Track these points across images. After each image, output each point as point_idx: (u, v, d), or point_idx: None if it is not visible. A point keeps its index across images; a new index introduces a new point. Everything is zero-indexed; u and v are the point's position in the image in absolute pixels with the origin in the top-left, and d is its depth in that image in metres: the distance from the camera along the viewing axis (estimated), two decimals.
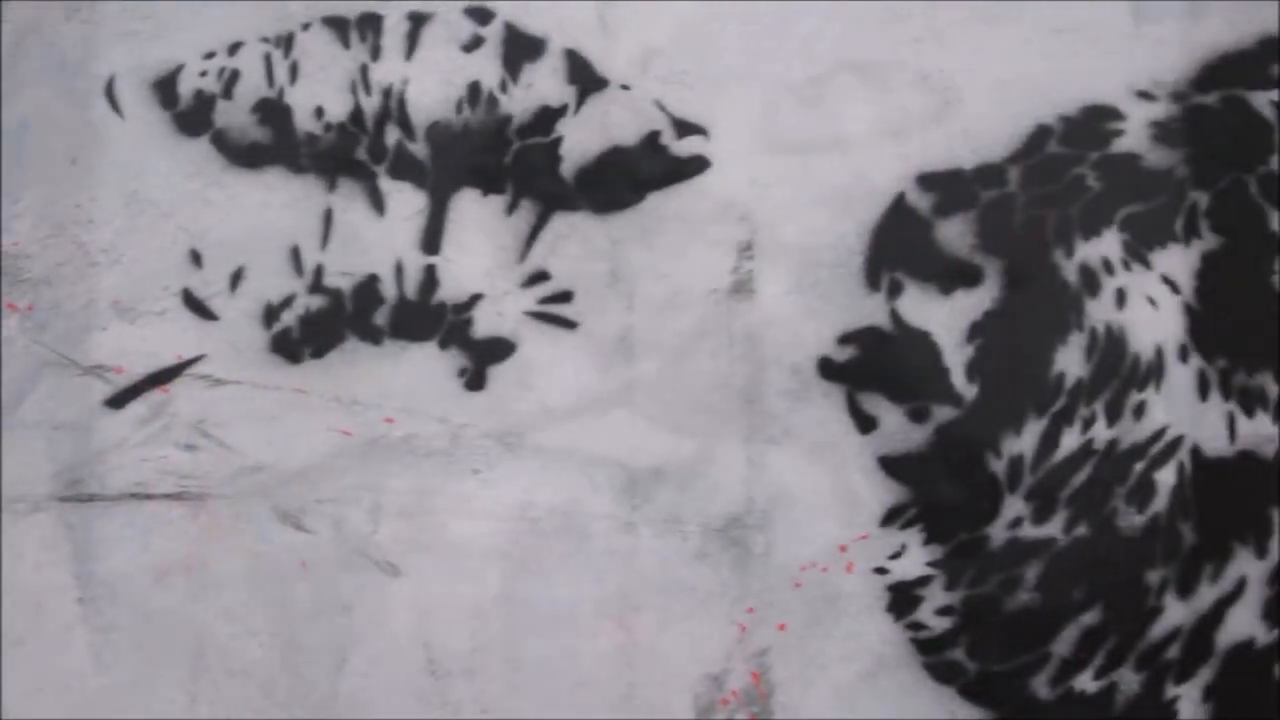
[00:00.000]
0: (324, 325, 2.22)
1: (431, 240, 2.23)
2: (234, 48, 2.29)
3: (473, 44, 2.26)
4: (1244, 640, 2.13)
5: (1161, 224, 2.20)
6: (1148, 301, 2.18)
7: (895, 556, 2.15)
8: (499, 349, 2.20)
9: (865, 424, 2.17)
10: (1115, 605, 2.14)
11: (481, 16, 2.27)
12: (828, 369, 2.18)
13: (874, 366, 2.18)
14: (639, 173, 2.22)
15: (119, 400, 2.24)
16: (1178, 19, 2.24)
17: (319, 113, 2.26)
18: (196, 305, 2.25)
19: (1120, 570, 2.14)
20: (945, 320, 2.18)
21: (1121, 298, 2.18)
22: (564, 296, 2.21)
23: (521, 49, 2.25)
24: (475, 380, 2.20)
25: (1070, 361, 2.17)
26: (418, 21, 2.27)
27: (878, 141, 2.21)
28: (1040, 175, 2.20)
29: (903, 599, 2.15)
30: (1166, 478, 2.15)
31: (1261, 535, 2.15)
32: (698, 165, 2.22)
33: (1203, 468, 2.15)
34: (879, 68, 2.23)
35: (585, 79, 2.24)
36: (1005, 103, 2.21)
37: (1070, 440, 2.16)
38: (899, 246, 2.20)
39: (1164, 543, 2.14)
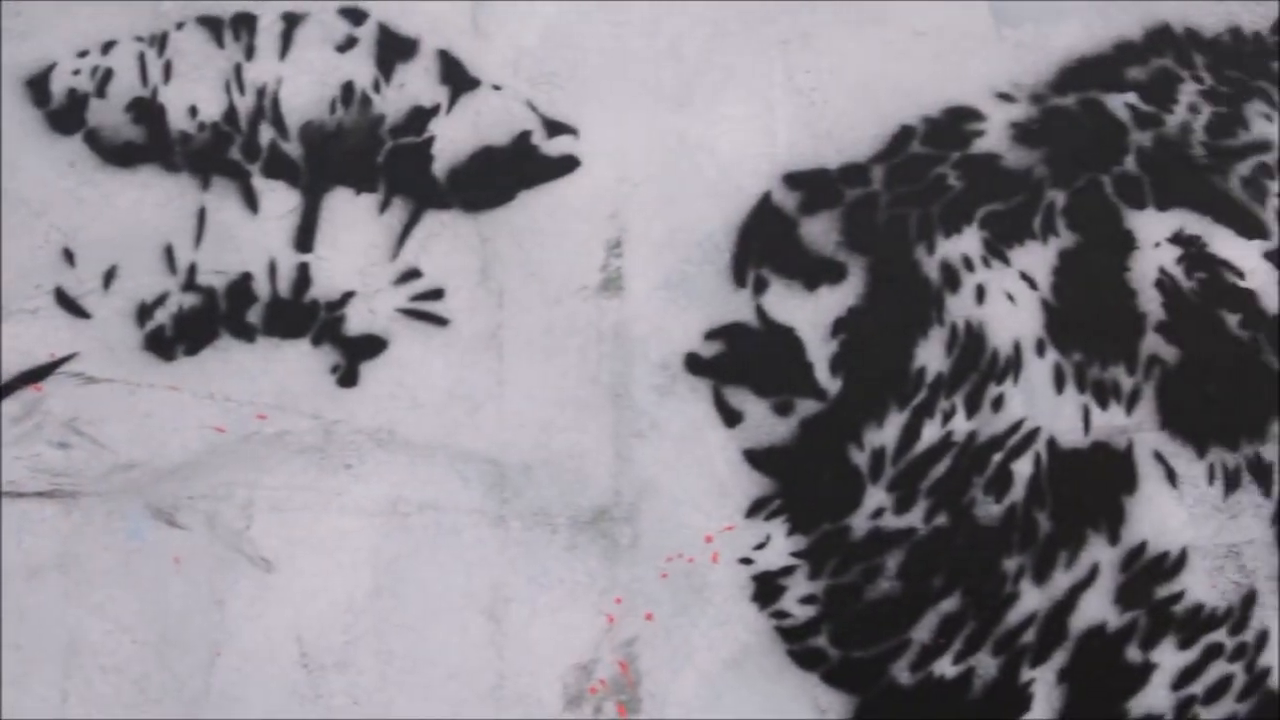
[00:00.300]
0: (197, 323, 2.23)
1: (304, 238, 2.25)
2: (107, 46, 2.30)
3: (346, 44, 2.28)
4: (1097, 624, 2.20)
5: (1020, 222, 2.26)
6: (1006, 297, 2.24)
7: (760, 547, 2.20)
8: (371, 346, 2.23)
9: (731, 418, 2.22)
10: (973, 592, 2.20)
11: (355, 17, 2.30)
12: (694, 364, 2.23)
13: (740, 361, 2.22)
14: (510, 172, 2.26)
15: None
16: (1037, 24, 2.31)
17: (193, 112, 2.27)
18: (69, 303, 2.25)
19: (978, 558, 2.20)
20: (810, 316, 2.23)
21: (981, 294, 2.24)
22: (435, 294, 2.24)
23: (394, 50, 2.28)
24: (348, 377, 2.22)
25: (931, 356, 2.23)
26: (291, 22, 2.29)
27: (745, 141, 2.26)
28: (903, 174, 2.26)
29: (767, 588, 2.20)
30: (1023, 468, 2.21)
31: (1114, 523, 2.22)
32: (567, 164, 2.26)
33: (1058, 458, 2.22)
34: (746, 69, 2.28)
35: (457, 79, 2.27)
36: (870, 104, 2.27)
37: (931, 432, 2.21)
38: (765, 244, 2.24)
39: (1021, 531, 2.21)
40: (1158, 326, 2.25)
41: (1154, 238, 2.26)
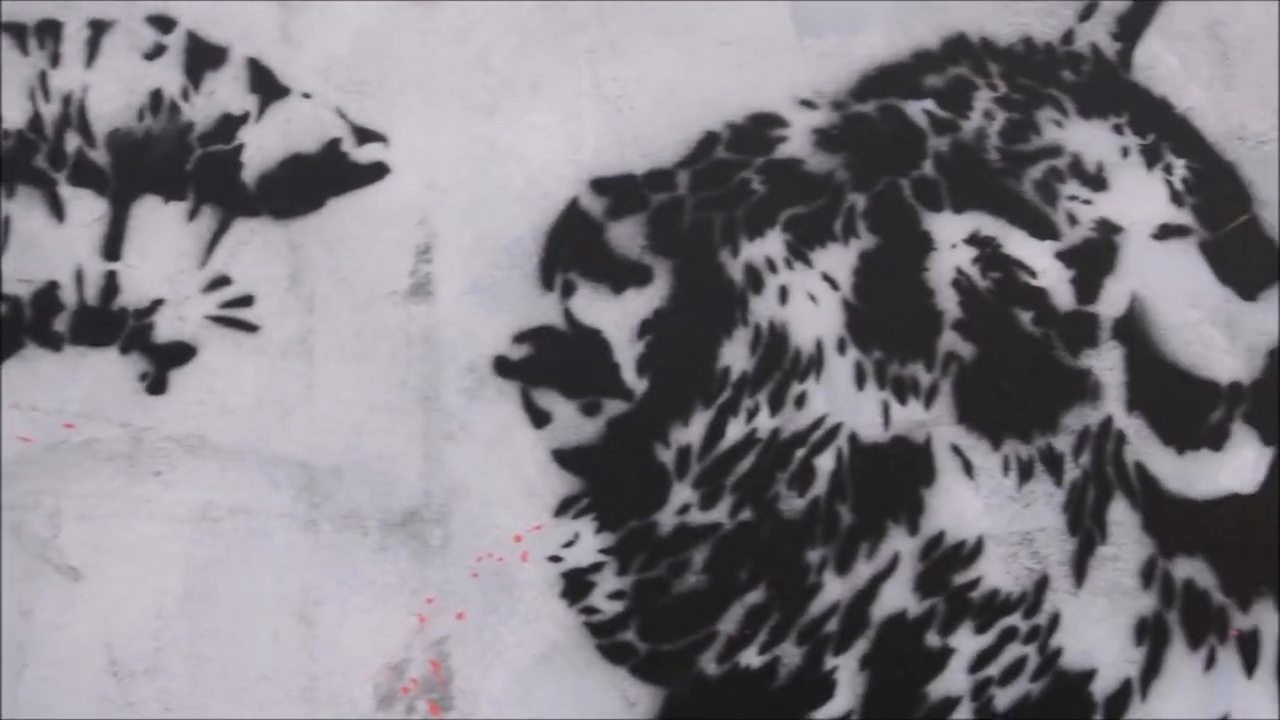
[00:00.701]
0: (2, 332, 2.22)
1: (112, 246, 2.25)
2: None
3: (154, 52, 2.29)
4: (897, 612, 2.28)
5: (822, 225, 2.33)
6: (809, 298, 2.32)
7: (569, 545, 2.25)
8: (180, 353, 2.23)
9: (539, 419, 2.26)
10: (778, 584, 2.27)
11: (163, 25, 2.30)
12: (503, 367, 2.27)
13: (548, 364, 2.27)
14: (320, 179, 2.28)
15: None
16: (838, 33, 2.38)
17: None
18: None
19: (782, 551, 2.27)
20: (616, 319, 2.28)
21: (784, 294, 2.31)
22: (245, 301, 2.25)
23: (203, 57, 2.29)
24: (156, 384, 2.23)
25: (735, 356, 2.29)
26: (98, 29, 2.29)
27: (552, 148, 2.30)
28: (708, 179, 2.32)
29: (576, 585, 2.24)
30: (825, 463, 2.29)
31: (913, 514, 2.30)
32: (377, 171, 2.29)
33: (859, 453, 2.30)
34: (554, 76, 2.32)
35: (267, 87, 2.29)
36: (675, 111, 2.33)
37: (735, 430, 2.28)
38: (572, 248, 2.29)
39: (823, 524, 2.28)
40: (954, 324, 2.33)
41: (951, 239, 2.35)
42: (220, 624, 2.19)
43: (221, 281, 2.25)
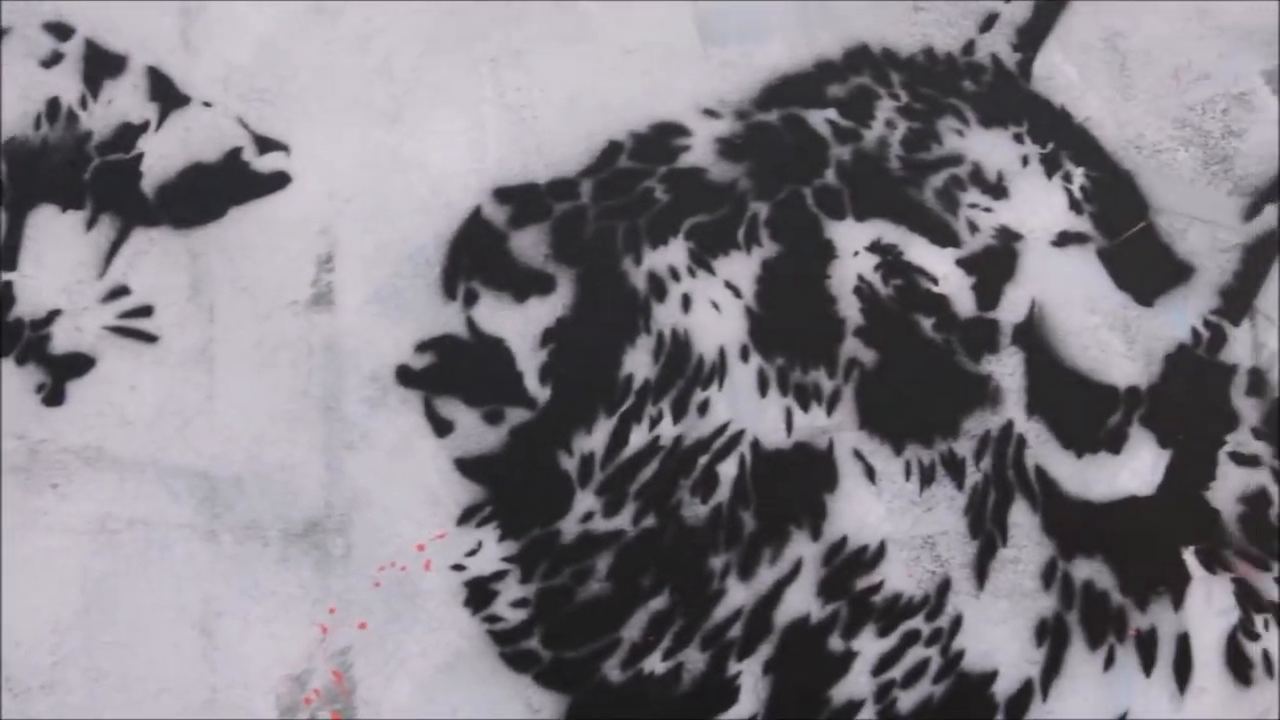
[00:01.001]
0: None
1: (8, 256, 2.23)
2: None
3: (52, 60, 2.27)
4: (800, 617, 2.31)
5: (725, 233, 2.35)
6: (712, 305, 2.34)
7: (472, 553, 2.25)
8: (78, 364, 2.22)
9: (442, 428, 2.27)
10: (681, 590, 2.28)
11: (61, 32, 2.28)
12: (405, 376, 2.27)
13: (450, 372, 2.27)
14: (220, 188, 2.27)
15: None
16: (742, 43, 2.40)
17: None
18: None
19: (686, 558, 2.29)
20: (519, 327, 2.29)
21: (687, 302, 2.33)
22: (144, 311, 2.24)
23: (102, 66, 2.27)
24: (54, 396, 2.21)
25: (639, 363, 2.31)
26: None
27: (455, 157, 2.31)
28: (611, 188, 2.34)
29: (479, 593, 2.25)
30: (728, 470, 2.31)
31: (816, 519, 2.33)
32: (279, 181, 2.28)
33: (762, 459, 2.32)
34: (457, 84, 2.33)
35: (167, 96, 2.28)
36: (579, 120, 2.34)
37: (638, 438, 2.29)
38: (475, 257, 2.30)
39: (726, 530, 2.30)
40: (856, 331, 2.36)
41: (853, 247, 2.38)
42: (119, 637, 2.18)
43: (120, 292, 2.24)
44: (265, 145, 2.27)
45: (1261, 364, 2.46)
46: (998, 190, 2.43)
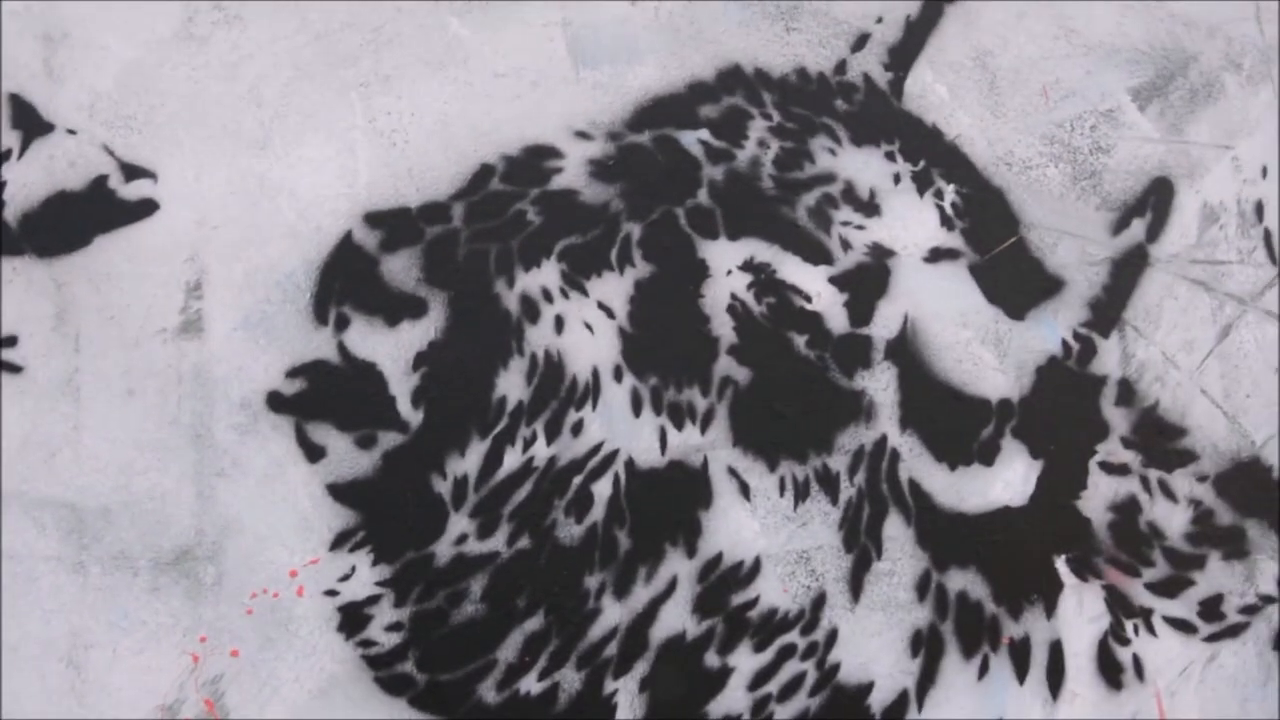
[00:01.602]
0: None
1: None
2: None
3: None
4: (676, 634, 2.33)
5: (598, 254, 2.37)
6: (585, 326, 2.35)
7: (345, 578, 2.26)
8: None
9: (314, 453, 2.27)
10: (556, 610, 2.30)
11: None
12: (276, 402, 2.27)
13: (322, 398, 2.28)
14: (86, 217, 2.26)
15: None
16: (613, 64, 2.42)
17: None
18: None
19: (560, 578, 2.30)
20: (391, 351, 2.29)
21: (560, 324, 2.35)
22: (8, 341, 2.22)
23: None
24: None
25: (512, 385, 2.32)
26: None
27: (325, 183, 2.31)
28: (483, 211, 2.35)
29: (353, 618, 2.25)
30: (603, 489, 2.33)
31: (691, 537, 2.35)
32: (145, 208, 2.27)
33: (637, 478, 2.34)
34: (326, 110, 2.33)
35: (30, 124, 2.26)
36: (450, 144, 2.35)
37: (512, 459, 2.31)
38: (346, 282, 2.30)
39: (601, 549, 2.32)
40: (730, 349, 2.39)
41: (726, 266, 2.40)
42: None
43: None
44: (132, 172, 2.26)
45: (1130, 375, 2.52)
46: (870, 208, 2.47)
